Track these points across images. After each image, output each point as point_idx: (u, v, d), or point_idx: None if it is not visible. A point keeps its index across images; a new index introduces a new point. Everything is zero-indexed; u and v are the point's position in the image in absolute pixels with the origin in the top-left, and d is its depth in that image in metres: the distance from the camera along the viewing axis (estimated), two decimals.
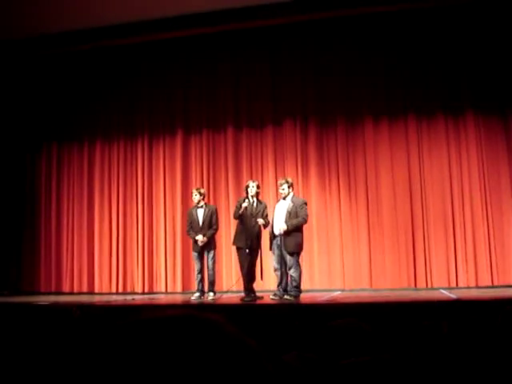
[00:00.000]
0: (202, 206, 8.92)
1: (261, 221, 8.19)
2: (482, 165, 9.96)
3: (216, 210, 9.08)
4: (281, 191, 8.30)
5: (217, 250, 9.13)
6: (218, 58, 11.24)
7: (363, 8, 9.76)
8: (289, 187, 8.23)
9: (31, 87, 12.03)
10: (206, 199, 9.23)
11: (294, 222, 7.99)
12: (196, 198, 8.95)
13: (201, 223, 8.81)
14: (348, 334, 2.32)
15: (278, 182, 8.59)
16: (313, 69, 10.79)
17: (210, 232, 8.81)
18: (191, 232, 8.89)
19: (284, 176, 10.55)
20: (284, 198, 8.24)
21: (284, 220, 8.03)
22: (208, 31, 10.60)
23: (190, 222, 8.93)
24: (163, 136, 11.42)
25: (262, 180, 10.46)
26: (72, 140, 11.88)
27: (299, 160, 10.68)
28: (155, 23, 10.26)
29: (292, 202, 8.15)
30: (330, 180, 10.56)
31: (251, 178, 10.39)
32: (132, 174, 11.50)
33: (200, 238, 8.69)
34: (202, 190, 9.24)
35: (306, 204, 8.30)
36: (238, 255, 8.42)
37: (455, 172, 10.05)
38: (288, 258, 7.95)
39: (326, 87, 10.70)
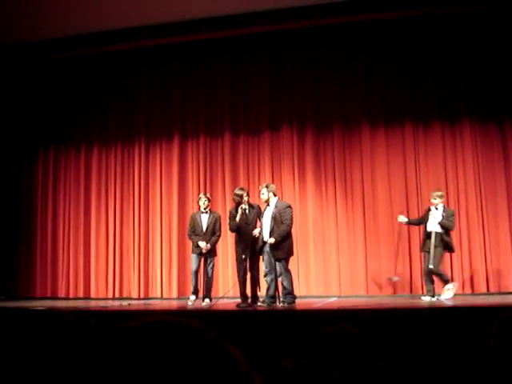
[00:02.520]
0: (206, 212, 8.89)
1: (256, 231, 8.20)
2: (478, 171, 9.99)
3: (220, 217, 9.04)
4: (261, 196, 8.34)
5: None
6: (215, 63, 11.27)
7: (361, 15, 9.80)
8: (269, 192, 8.24)
9: (29, 92, 12.02)
10: (210, 205, 9.21)
11: (280, 231, 8.00)
12: (205, 203, 8.88)
13: (204, 229, 8.77)
14: (341, 340, 2.33)
15: (259, 187, 8.61)
16: (310, 75, 10.83)
17: (214, 239, 8.80)
18: (194, 236, 8.82)
19: (281, 182, 10.62)
20: (268, 204, 8.26)
21: (269, 225, 8.07)
22: (206, 37, 10.62)
23: (193, 227, 8.87)
24: (160, 141, 11.42)
25: (259, 185, 10.45)
26: (69, 144, 11.87)
27: (296, 166, 10.70)
28: (153, 29, 10.28)
29: (276, 206, 8.18)
30: (326, 186, 10.58)
31: (248, 184, 10.43)
32: (129, 179, 11.50)
33: (203, 245, 8.65)
34: (209, 196, 9.23)
35: (289, 207, 8.29)
36: (237, 263, 8.44)
37: (451, 178, 10.08)
38: (277, 264, 7.99)
39: (323, 93, 10.73)
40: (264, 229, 8.17)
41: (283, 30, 10.48)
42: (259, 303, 8.16)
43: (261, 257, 8.33)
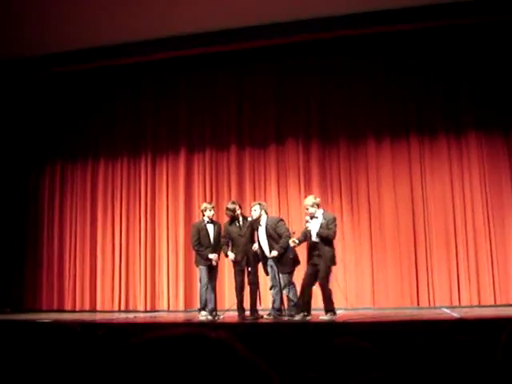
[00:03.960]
0: (211, 222, 8.84)
1: (255, 247, 8.30)
2: (484, 183, 9.97)
3: (221, 226, 9.07)
4: (252, 213, 8.39)
5: (219, 268, 9.06)
6: (221, 76, 11.33)
7: (365, 29, 9.81)
8: (261, 209, 8.32)
9: (36, 106, 12.10)
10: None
11: (281, 243, 8.06)
12: (212, 213, 8.84)
13: (212, 240, 8.70)
14: (348, 354, 2.32)
15: (251, 204, 8.65)
16: (315, 87, 10.85)
17: (219, 249, 8.76)
18: (201, 248, 8.62)
19: (286, 194, 10.63)
20: (259, 222, 8.29)
21: (267, 243, 8.18)
22: (211, 51, 10.66)
23: (198, 238, 8.66)
24: (166, 154, 11.45)
25: (265, 199, 10.42)
26: (76, 157, 11.91)
27: (302, 178, 10.70)
28: (158, 42, 10.32)
29: (267, 224, 8.24)
30: (332, 199, 10.56)
31: (254, 197, 10.44)
32: (135, 193, 11.52)
33: (215, 257, 8.61)
34: (213, 205, 9.22)
35: (281, 221, 8.39)
36: (235, 276, 8.49)
37: (457, 190, 10.06)
38: (281, 276, 8.04)
39: (329, 106, 10.75)
40: (263, 247, 8.26)
41: (289, 44, 10.49)
42: (265, 316, 8.16)
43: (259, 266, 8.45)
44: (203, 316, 8.47)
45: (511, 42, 9.95)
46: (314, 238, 7.86)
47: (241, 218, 8.44)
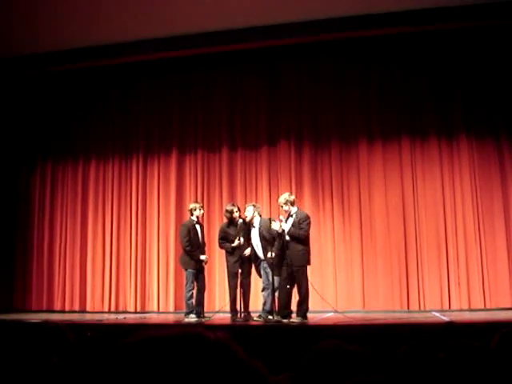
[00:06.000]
0: (199, 223, 8.83)
1: (247, 252, 8.29)
2: (475, 187, 10.00)
3: None
4: (245, 213, 8.39)
5: (210, 270, 9.05)
6: (214, 77, 11.33)
7: (358, 32, 9.82)
8: (255, 211, 8.33)
9: (27, 104, 12.04)
10: None
11: (277, 245, 8.02)
12: (202, 212, 8.82)
13: (200, 240, 8.70)
14: (332, 356, 2.32)
15: (246, 205, 8.64)
16: (308, 90, 10.87)
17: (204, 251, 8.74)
18: (192, 249, 8.51)
19: (278, 196, 10.61)
20: (252, 225, 8.30)
21: (260, 245, 8.16)
22: (205, 51, 10.64)
23: (189, 239, 8.52)
24: (158, 155, 11.42)
25: (256, 201, 10.41)
26: (67, 156, 11.87)
27: (293, 181, 10.70)
28: (151, 43, 10.29)
29: (260, 225, 8.24)
30: (323, 201, 10.57)
31: (245, 199, 10.44)
32: (126, 193, 11.48)
33: (207, 258, 8.65)
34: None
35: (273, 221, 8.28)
36: (229, 279, 8.46)
37: (448, 194, 10.09)
38: (275, 278, 7.99)
39: (321, 108, 10.76)
40: (256, 249, 8.24)
41: (282, 46, 10.48)
42: (256, 318, 8.15)
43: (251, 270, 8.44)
44: (191, 319, 8.39)
45: (503, 48, 10.01)
46: (286, 237, 7.79)
47: (240, 221, 8.40)
